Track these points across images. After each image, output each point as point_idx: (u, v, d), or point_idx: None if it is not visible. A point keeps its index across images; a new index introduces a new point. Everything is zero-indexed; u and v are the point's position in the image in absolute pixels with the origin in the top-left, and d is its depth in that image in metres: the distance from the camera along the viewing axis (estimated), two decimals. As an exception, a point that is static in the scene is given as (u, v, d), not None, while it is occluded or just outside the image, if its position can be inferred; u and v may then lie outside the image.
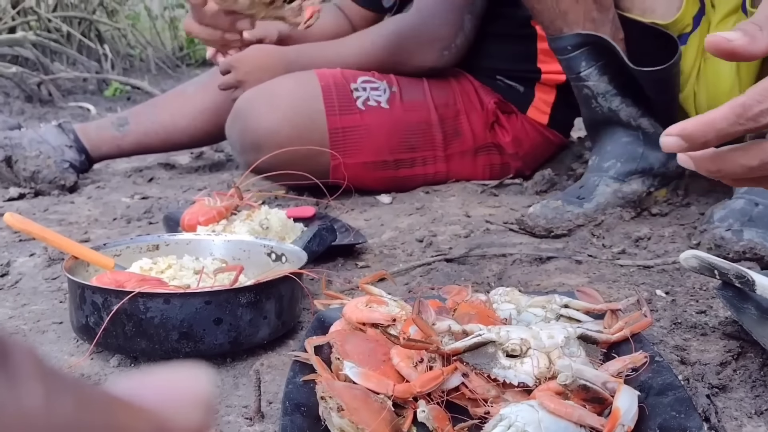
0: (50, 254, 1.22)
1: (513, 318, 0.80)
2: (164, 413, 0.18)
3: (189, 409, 0.19)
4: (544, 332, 0.71)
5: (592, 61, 1.32)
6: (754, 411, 0.70)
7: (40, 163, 1.74)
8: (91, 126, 1.90)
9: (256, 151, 1.53)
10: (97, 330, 0.81)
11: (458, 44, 1.66)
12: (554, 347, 0.69)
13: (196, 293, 0.83)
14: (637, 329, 0.75)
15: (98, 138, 1.85)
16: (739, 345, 0.82)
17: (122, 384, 0.19)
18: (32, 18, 4.13)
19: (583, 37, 1.30)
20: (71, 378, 0.16)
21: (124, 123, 1.85)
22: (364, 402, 0.63)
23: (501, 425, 0.59)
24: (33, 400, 0.15)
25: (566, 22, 1.30)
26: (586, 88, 1.35)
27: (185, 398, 0.19)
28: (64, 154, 1.78)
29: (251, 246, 1.04)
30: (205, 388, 0.19)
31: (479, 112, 1.72)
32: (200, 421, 0.19)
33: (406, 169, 1.67)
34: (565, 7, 1.28)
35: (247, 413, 0.72)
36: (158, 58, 4.98)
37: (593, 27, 1.29)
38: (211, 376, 0.20)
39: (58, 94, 3.42)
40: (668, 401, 0.64)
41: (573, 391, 0.62)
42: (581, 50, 1.31)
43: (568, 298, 0.83)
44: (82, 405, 0.16)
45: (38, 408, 0.15)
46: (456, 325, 0.71)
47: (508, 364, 0.67)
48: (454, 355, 0.67)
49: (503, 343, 0.68)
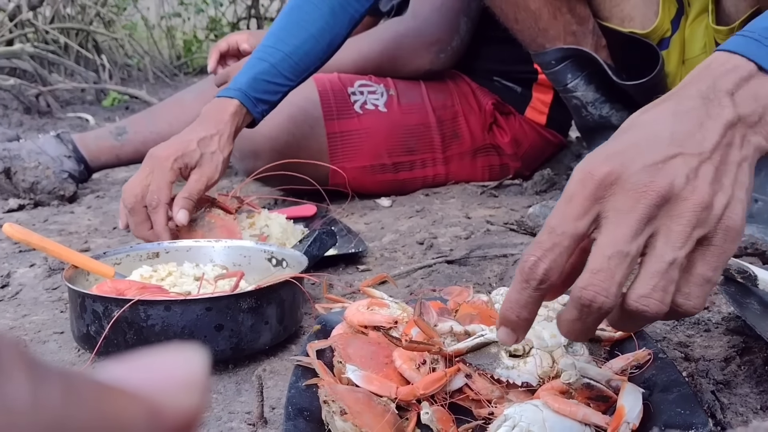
0: (50, 264, 1.22)
1: None
2: (157, 397, 0.18)
3: (183, 391, 0.18)
4: (546, 331, 0.70)
5: (577, 72, 1.33)
6: (759, 406, 0.70)
7: (39, 174, 1.74)
8: (90, 136, 1.90)
9: (255, 158, 1.53)
10: (98, 339, 0.81)
11: (454, 46, 1.66)
12: (557, 346, 0.69)
13: (196, 300, 0.83)
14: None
15: (97, 148, 1.85)
16: (742, 340, 0.81)
17: (112, 370, 0.18)
18: (30, 30, 4.13)
19: (566, 51, 1.31)
20: (57, 368, 0.16)
21: (123, 132, 1.85)
22: (367, 405, 0.63)
23: (505, 425, 0.59)
24: (19, 392, 0.15)
25: (547, 38, 1.31)
26: (575, 99, 1.36)
27: (178, 381, 0.18)
28: (63, 164, 1.78)
29: (251, 251, 1.03)
30: (198, 369, 0.19)
31: (477, 113, 1.72)
32: (195, 403, 0.18)
33: (406, 172, 1.67)
34: (544, 24, 1.30)
35: (250, 419, 0.72)
36: (156, 68, 4.99)
37: (574, 40, 1.30)
38: (204, 356, 0.19)
39: (57, 105, 3.42)
40: (673, 398, 0.64)
41: (577, 389, 0.61)
42: (565, 63, 1.32)
43: (569, 297, 0.82)
44: (69, 395, 0.16)
45: (24, 400, 0.15)
46: (458, 325, 0.71)
47: (511, 364, 0.66)
48: (456, 356, 0.67)
49: None
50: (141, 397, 0.18)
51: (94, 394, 0.16)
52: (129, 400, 0.17)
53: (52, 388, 0.15)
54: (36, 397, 0.15)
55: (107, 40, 4.75)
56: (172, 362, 0.19)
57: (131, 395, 0.17)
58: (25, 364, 0.15)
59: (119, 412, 0.17)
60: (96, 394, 0.16)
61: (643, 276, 0.52)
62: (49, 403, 0.15)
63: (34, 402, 0.15)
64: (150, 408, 0.18)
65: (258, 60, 1.28)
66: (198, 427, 0.19)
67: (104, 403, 0.16)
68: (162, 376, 0.18)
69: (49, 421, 0.15)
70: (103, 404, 0.16)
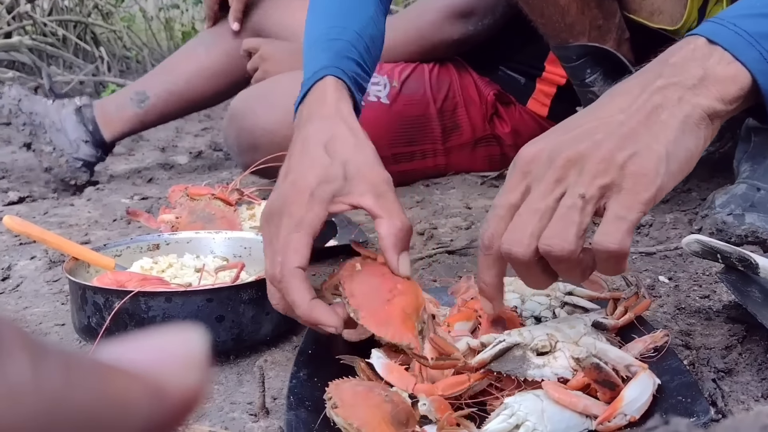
0: (51, 257, 1.22)
1: (518, 308, 0.80)
2: (158, 376, 0.18)
3: (183, 370, 0.18)
4: (563, 324, 0.70)
5: (597, 67, 1.30)
6: (760, 394, 0.70)
7: (53, 161, 1.80)
8: (111, 107, 1.89)
9: (254, 151, 1.52)
10: (99, 330, 0.81)
11: (486, 24, 1.65)
12: (579, 336, 0.69)
13: (197, 291, 0.83)
14: (639, 311, 0.75)
15: (120, 120, 1.86)
16: (743, 328, 0.81)
17: (113, 350, 0.18)
18: (28, 22, 4.12)
19: (588, 48, 1.28)
20: (58, 348, 0.16)
21: (144, 98, 1.86)
22: (363, 398, 0.62)
23: (503, 414, 0.59)
24: (19, 372, 0.15)
25: (572, 33, 1.28)
26: (591, 93, 1.34)
27: (179, 360, 0.18)
28: (78, 150, 1.81)
29: (252, 243, 1.03)
30: (199, 348, 0.19)
31: (478, 104, 1.71)
32: (196, 381, 0.19)
33: (406, 163, 1.67)
34: (571, 20, 1.26)
35: (251, 409, 0.72)
36: (154, 59, 4.97)
37: (598, 34, 1.27)
38: (203, 335, 0.19)
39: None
40: (674, 386, 0.64)
41: (585, 368, 0.61)
42: (585, 58, 1.30)
43: (571, 285, 0.82)
44: (70, 374, 0.16)
45: (25, 380, 0.15)
46: (473, 340, 0.69)
47: (541, 362, 0.64)
48: (481, 367, 0.65)
49: (529, 343, 0.65)
50: (142, 376, 0.18)
51: (95, 373, 0.16)
52: (130, 379, 0.17)
53: (53, 367, 0.15)
54: (36, 376, 0.15)
55: (105, 33, 4.74)
56: (172, 342, 0.19)
57: (132, 374, 0.17)
58: (25, 344, 0.15)
59: (120, 391, 0.17)
60: (97, 373, 0.16)
61: (550, 223, 0.61)
62: (49, 382, 0.15)
63: (35, 380, 0.15)
64: (151, 386, 0.18)
65: (331, 40, 0.91)
66: (200, 406, 0.19)
67: (105, 382, 0.16)
68: (162, 356, 0.18)
69: (50, 400, 0.15)
70: (104, 383, 0.16)
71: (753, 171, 1.18)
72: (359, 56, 0.89)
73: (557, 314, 0.78)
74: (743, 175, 1.19)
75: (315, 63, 0.88)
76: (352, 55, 0.88)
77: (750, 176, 1.18)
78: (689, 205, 1.33)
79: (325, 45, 0.90)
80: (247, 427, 0.69)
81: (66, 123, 1.81)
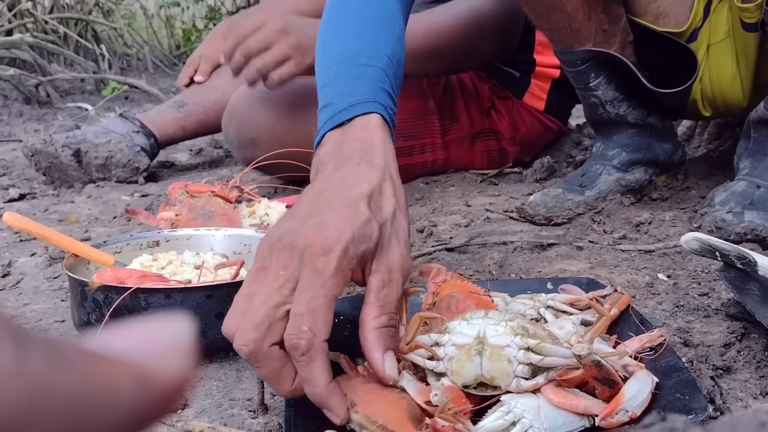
0: (51, 254, 1.22)
1: (502, 309, 0.79)
2: (144, 363, 0.18)
3: (169, 357, 0.18)
4: (553, 326, 0.70)
5: (600, 71, 1.30)
6: (759, 392, 0.70)
7: (112, 148, 1.77)
8: (152, 112, 1.91)
9: (254, 146, 1.52)
10: (98, 327, 0.81)
11: (516, 39, 1.62)
12: (569, 335, 0.69)
13: (196, 288, 0.83)
14: (621, 306, 0.76)
15: (162, 122, 1.87)
16: (742, 326, 0.81)
17: (100, 339, 0.18)
18: (29, 20, 4.12)
19: (593, 53, 1.27)
20: (42, 336, 0.16)
21: (182, 105, 1.87)
22: (379, 394, 0.62)
23: (500, 411, 0.59)
24: (2, 359, 0.15)
25: (578, 39, 1.27)
26: (594, 97, 1.33)
27: (165, 347, 0.18)
28: (133, 139, 1.80)
29: (251, 240, 1.03)
30: (185, 336, 0.19)
31: (475, 98, 1.71)
32: (182, 368, 0.19)
33: (405, 158, 1.66)
34: (577, 25, 1.25)
35: (250, 406, 0.72)
36: (155, 57, 4.98)
37: (604, 39, 1.26)
38: (189, 324, 0.19)
39: (56, 95, 3.41)
40: (672, 383, 0.64)
41: (586, 365, 0.61)
42: (590, 62, 1.29)
43: (552, 294, 0.84)
44: (54, 362, 0.16)
45: (8, 367, 0.15)
46: (427, 338, 0.65)
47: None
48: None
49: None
50: (128, 362, 0.18)
51: (79, 360, 0.16)
52: (115, 366, 0.17)
53: (37, 354, 0.15)
54: (20, 363, 0.15)
55: (106, 30, 4.74)
56: (159, 331, 0.19)
57: (118, 361, 0.17)
58: (9, 332, 0.15)
59: (106, 378, 0.17)
60: (82, 360, 0.16)
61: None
62: (33, 369, 0.15)
63: (18, 367, 0.15)
64: (137, 373, 0.18)
65: (363, 66, 0.84)
66: (186, 393, 0.19)
67: (90, 369, 0.16)
68: (148, 344, 0.18)
69: (34, 387, 0.15)
70: (89, 370, 0.16)
71: (753, 168, 1.18)
72: (390, 86, 0.83)
73: (542, 314, 0.78)
74: (743, 172, 1.19)
75: (350, 89, 0.81)
76: (386, 85, 0.82)
77: (750, 173, 1.17)
78: (688, 202, 1.33)
79: (358, 71, 0.83)
80: (246, 423, 0.70)
81: (112, 125, 1.82)
